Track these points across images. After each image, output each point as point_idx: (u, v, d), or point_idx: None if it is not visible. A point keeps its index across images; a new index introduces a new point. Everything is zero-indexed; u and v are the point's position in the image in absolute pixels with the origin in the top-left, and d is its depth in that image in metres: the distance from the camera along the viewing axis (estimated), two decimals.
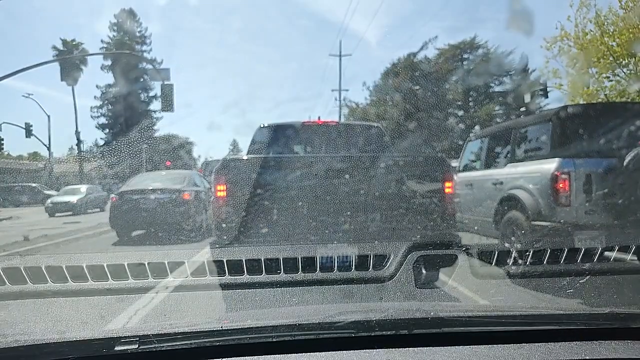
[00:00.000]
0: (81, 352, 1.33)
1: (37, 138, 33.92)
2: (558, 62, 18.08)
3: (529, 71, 36.69)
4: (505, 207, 5.74)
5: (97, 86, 44.58)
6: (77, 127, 42.40)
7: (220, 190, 4.26)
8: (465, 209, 7.07)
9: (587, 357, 1.26)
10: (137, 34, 44.27)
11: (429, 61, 41.14)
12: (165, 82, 17.67)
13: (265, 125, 6.41)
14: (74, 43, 38.91)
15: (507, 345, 1.35)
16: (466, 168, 7.58)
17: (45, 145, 35.07)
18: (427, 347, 1.34)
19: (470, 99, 40.87)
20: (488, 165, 6.86)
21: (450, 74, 40.10)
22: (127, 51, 36.03)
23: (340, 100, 44.03)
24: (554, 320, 1.58)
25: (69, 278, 3.80)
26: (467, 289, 5.06)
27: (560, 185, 4.96)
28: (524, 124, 6.30)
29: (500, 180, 6.05)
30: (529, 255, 4.67)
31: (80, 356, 1.32)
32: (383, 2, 66.37)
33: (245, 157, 4.95)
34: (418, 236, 4.16)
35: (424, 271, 4.14)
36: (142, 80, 40.55)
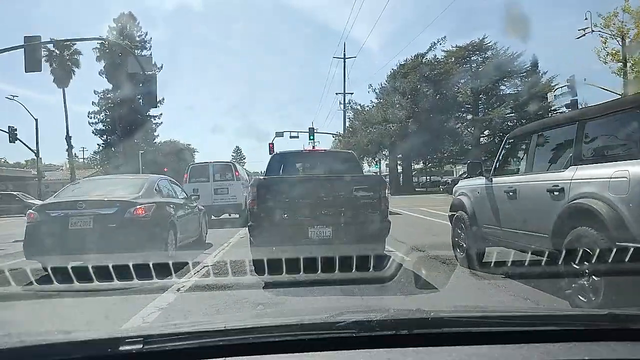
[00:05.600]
0: (86, 352, 1.34)
1: (23, 143, 31.38)
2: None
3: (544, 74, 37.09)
4: (570, 221, 4.44)
5: (94, 92, 44.78)
6: (67, 132, 41.55)
7: (256, 200, 5.92)
8: (506, 221, 5.80)
9: (586, 358, 1.27)
10: (137, 38, 44.30)
11: (438, 61, 41.38)
12: (147, 73, 15.95)
13: (278, 152, 9.79)
14: (65, 43, 38.03)
15: (507, 345, 1.36)
16: (504, 172, 6.32)
17: (32, 151, 33.38)
18: (427, 347, 1.35)
19: (480, 102, 41.40)
20: (540, 167, 5.45)
21: (461, 76, 41.08)
22: (113, 40, 35.42)
23: (344, 104, 44.44)
24: (553, 321, 1.59)
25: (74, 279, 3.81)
26: (467, 290, 5.07)
27: None
28: (597, 114, 4.81)
29: (560, 186, 4.68)
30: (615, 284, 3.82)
31: (85, 356, 1.33)
32: (385, 10, 66.29)
33: (277, 177, 7.54)
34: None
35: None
36: (139, 83, 40.32)
